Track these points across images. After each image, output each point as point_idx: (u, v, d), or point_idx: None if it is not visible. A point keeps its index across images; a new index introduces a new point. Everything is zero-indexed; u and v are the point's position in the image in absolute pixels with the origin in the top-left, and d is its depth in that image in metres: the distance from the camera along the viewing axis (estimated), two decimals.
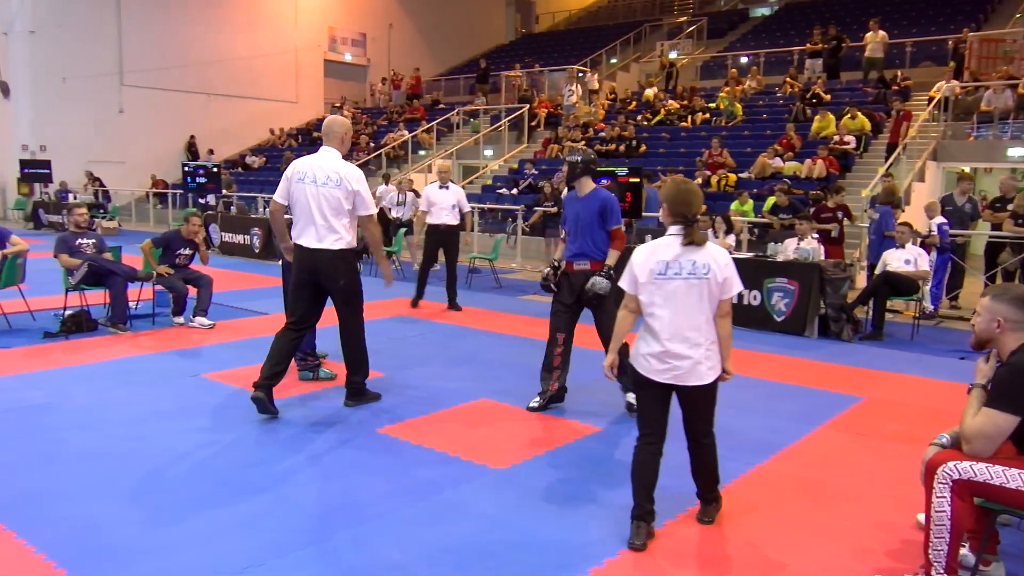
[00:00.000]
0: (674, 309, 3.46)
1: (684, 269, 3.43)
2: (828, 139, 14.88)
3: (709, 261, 3.44)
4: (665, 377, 3.48)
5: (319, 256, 5.07)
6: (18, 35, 21.77)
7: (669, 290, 3.46)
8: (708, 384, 3.50)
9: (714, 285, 3.44)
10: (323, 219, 5.04)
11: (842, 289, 8.35)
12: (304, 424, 5.10)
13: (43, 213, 20.23)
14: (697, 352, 3.44)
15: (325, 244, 5.06)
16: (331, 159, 5.14)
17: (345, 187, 5.04)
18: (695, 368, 3.45)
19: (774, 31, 24.15)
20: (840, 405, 5.81)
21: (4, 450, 4.50)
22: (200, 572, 3.19)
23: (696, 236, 3.45)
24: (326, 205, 5.04)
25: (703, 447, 3.66)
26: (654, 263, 3.48)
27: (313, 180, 5.06)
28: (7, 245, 7.80)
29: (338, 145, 5.21)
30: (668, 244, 3.51)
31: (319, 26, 28.30)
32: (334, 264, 5.09)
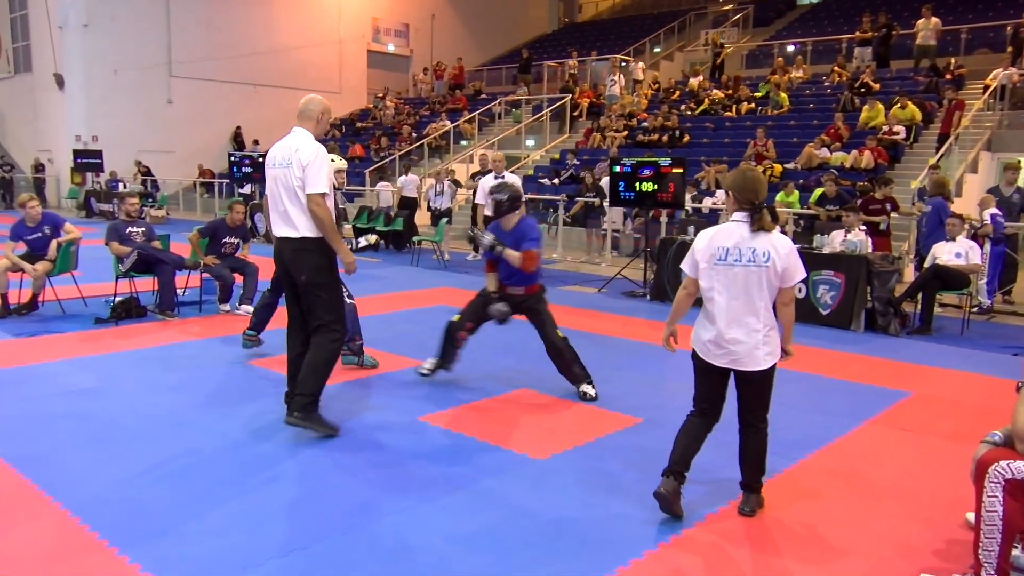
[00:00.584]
0: (732, 295, 3.51)
1: (744, 256, 3.47)
2: (877, 129, 14.57)
3: (769, 249, 3.46)
4: (723, 362, 3.55)
5: (284, 245, 4.61)
6: (72, 29, 22.30)
7: (728, 276, 3.50)
8: (765, 370, 3.54)
9: (773, 273, 3.46)
10: (283, 204, 4.55)
11: (890, 282, 8.18)
12: (346, 411, 5.16)
13: (94, 202, 20.74)
14: (754, 338, 3.49)
15: (288, 232, 4.56)
16: (293, 138, 4.57)
17: (295, 166, 4.45)
18: (752, 353, 3.50)
19: (822, 19, 23.69)
20: (887, 400, 5.70)
21: (58, 431, 4.63)
22: (245, 554, 3.25)
23: (765, 222, 3.48)
24: (284, 189, 4.52)
25: (756, 432, 3.67)
26: (715, 248, 3.53)
27: (274, 163, 4.60)
28: (61, 233, 8.03)
29: (311, 126, 4.61)
30: (730, 230, 3.54)
31: (363, 17, 28.50)
32: (297, 256, 4.55)
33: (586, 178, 14.43)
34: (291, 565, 3.18)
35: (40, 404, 5.13)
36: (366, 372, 6.10)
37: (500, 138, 21.01)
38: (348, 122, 26.21)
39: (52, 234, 7.97)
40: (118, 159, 21.95)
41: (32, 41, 24.25)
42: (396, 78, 29.60)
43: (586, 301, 9.54)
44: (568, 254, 14.21)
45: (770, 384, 3.63)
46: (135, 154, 22.79)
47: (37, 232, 7.95)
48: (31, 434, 4.58)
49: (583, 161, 16.84)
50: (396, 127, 23.37)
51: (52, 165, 24.10)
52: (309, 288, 4.58)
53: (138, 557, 3.19)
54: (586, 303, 9.37)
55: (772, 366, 3.57)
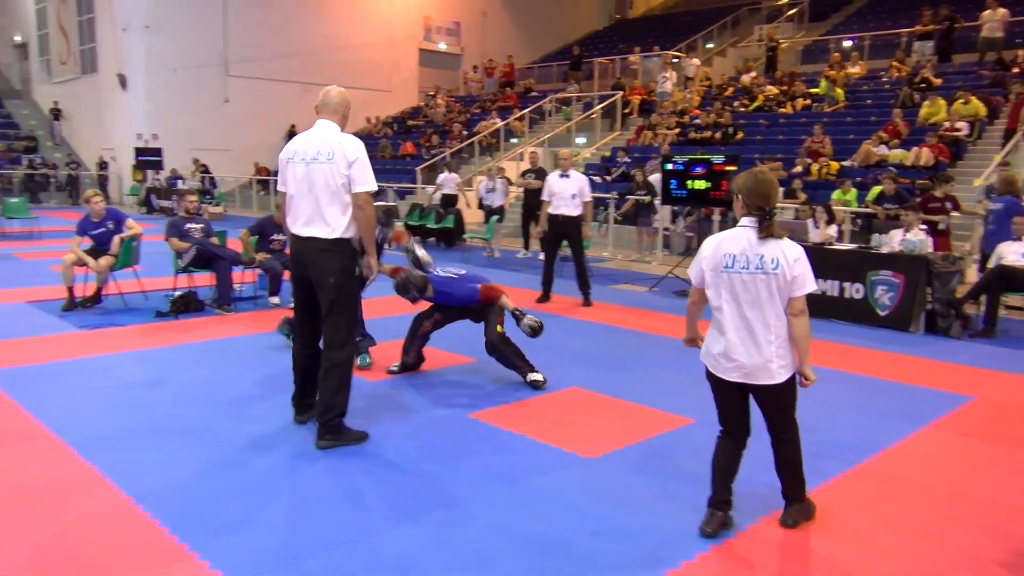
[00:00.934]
0: (740, 305, 3.33)
1: (751, 263, 3.30)
2: (938, 125, 14.15)
3: (778, 255, 3.29)
4: (734, 376, 3.38)
5: (308, 246, 4.31)
6: (135, 30, 22.92)
7: (735, 285, 3.33)
8: (781, 383, 3.37)
9: (783, 281, 3.29)
10: (313, 202, 4.27)
11: (951, 283, 7.95)
12: (396, 406, 5.22)
13: (154, 198, 21.31)
14: (767, 350, 3.31)
15: (315, 231, 4.28)
16: (324, 131, 4.34)
17: (339, 162, 4.21)
18: (765, 367, 3.33)
19: (880, 13, 23.10)
20: (947, 405, 5.54)
21: (120, 421, 4.78)
22: (297, 545, 3.31)
23: (774, 229, 3.31)
24: (317, 185, 4.25)
25: (783, 442, 3.52)
26: (720, 256, 3.36)
27: (303, 158, 4.30)
28: (124, 229, 8.26)
29: (336, 118, 4.41)
30: (737, 237, 3.36)
31: (414, 16, 28.70)
32: (323, 257, 4.27)
33: (637, 176, 14.32)
34: (341, 557, 3.23)
35: (103, 394, 5.30)
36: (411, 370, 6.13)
37: (550, 136, 20.96)
38: (399, 120, 26.43)
39: (115, 229, 8.22)
40: (177, 157, 22.52)
41: (98, 43, 24.98)
42: (447, 76, 29.74)
43: (637, 300, 9.47)
44: (618, 252, 14.12)
45: (791, 397, 3.45)
46: (193, 152, 23.33)
47: (101, 227, 8.19)
48: (94, 422, 4.73)
49: (634, 159, 16.71)
50: (447, 125, 23.50)
51: (115, 163, 24.80)
52: (335, 290, 4.31)
53: (196, 544, 3.27)
54: (637, 302, 9.31)
55: (790, 378, 3.39)
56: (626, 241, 14.62)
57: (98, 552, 3.22)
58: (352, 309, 4.51)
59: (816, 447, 4.62)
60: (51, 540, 3.31)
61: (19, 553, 3.20)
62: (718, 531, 3.44)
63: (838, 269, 8.50)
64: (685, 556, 3.31)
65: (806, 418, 5.08)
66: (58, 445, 4.36)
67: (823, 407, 5.40)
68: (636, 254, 14.02)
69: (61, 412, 4.89)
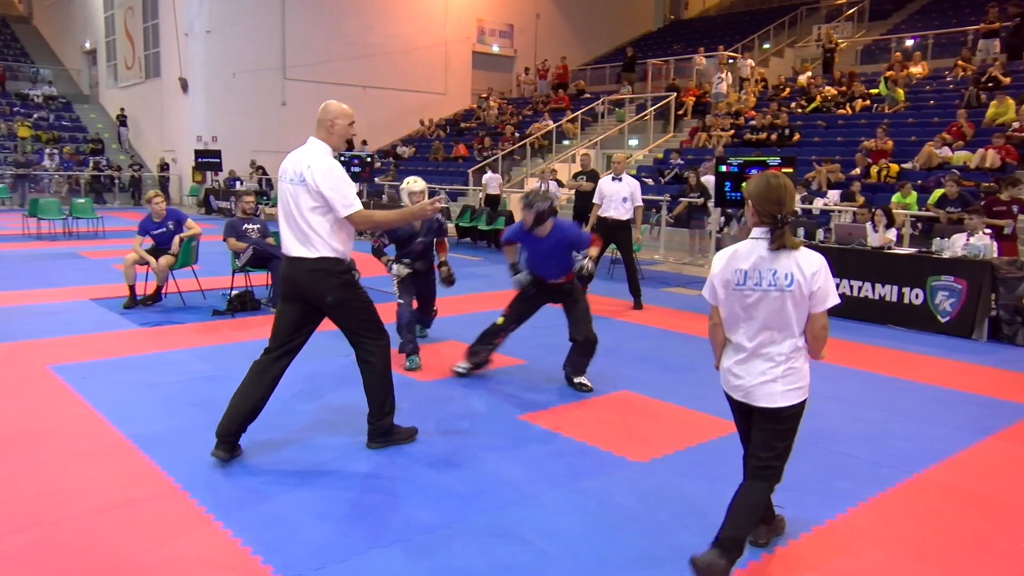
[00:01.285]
0: (753, 323, 3.06)
1: (764, 280, 3.00)
2: (1006, 126, 13.68)
3: (793, 270, 2.96)
4: (737, 395, 3.14)
5: (298, 267, 4.20)
6: (196, 35, 23.53)
7: (748, 303, 3.05)
8: (781, 408, 3.04)
9: (799, 297, 2.98)
10: (295, 222, 4.17)
11: (1018, 289, 7.68)
12: (446, 408, 5.25)
13: (213, 199, 21.82)
14: (774, 370, 3.03)
15: (302, 252, 4.18)
16: (305, 151, 4.21)
17: (309, 184, 4.08)
18: (768, 387, 3.03)
19: (946, 10, 22.46)
20: (1014, 415, 5.35)
21: (179, 417, 4.91)
22: (350, 541, 3.35)
23: (788, 239, 2.99)
24: (294, 206, 4.15)
25: (760, 479, 3.11)
26: (731, 272, 3.09)
27: (286, 177, 4.24)
28: (184, 229, 8.48)
29: (324, 135, 4.23)
30: (748, 250, 3.06)
31: (468, 19, 28.87)
32: (315, 278, 4.17)
33: (690, 178, 14.17)
34: (394, 555, 3.26)
35: (162, 390, 5.44)
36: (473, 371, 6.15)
37: (603, 138, 20.88)
38: (452, 122, 26.62)
39: (175, 229, 8.43)
40: (235, 158, 23.03)
41: (161, 48, 25.70)
42: (500, 78, 29.85)
43: (688, 303, 9.37)
44: (671, 255, 13.99)
45: (788, 429, 3.09)
46: (251, 154, 23.83)
47: (162, 227, 8.42)
48: (153, 417, 4.86)
49: (687, 161, 16.54)
50: (499, 127, 23.57)
51: (176, 164, 25.49)
52: (337, 306, 4.24)
53: (250, 540, 3.34)
54: (688, 305, 9.21)
55: (793, 406, 3.04)
56: (678, 244, 14.47)
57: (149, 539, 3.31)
58: (365, 315, 4.34)
59: (873, 455, 4.52)
60: (111, 533, 3.41)
61: (79, 547, 3.30)
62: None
63: (897, 274, 8.29)
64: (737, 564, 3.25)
65: (864, 427, 5.00)
66: (118, 439, 4.49)
67: (882, 415, 5.28)
68: (688, 256, 13.87)
69: (121, 407, 5.04)
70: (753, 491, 3.10)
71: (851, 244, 8.82)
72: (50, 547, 3.24)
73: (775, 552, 3.36)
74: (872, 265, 8.52)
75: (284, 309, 4.37)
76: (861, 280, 8.56)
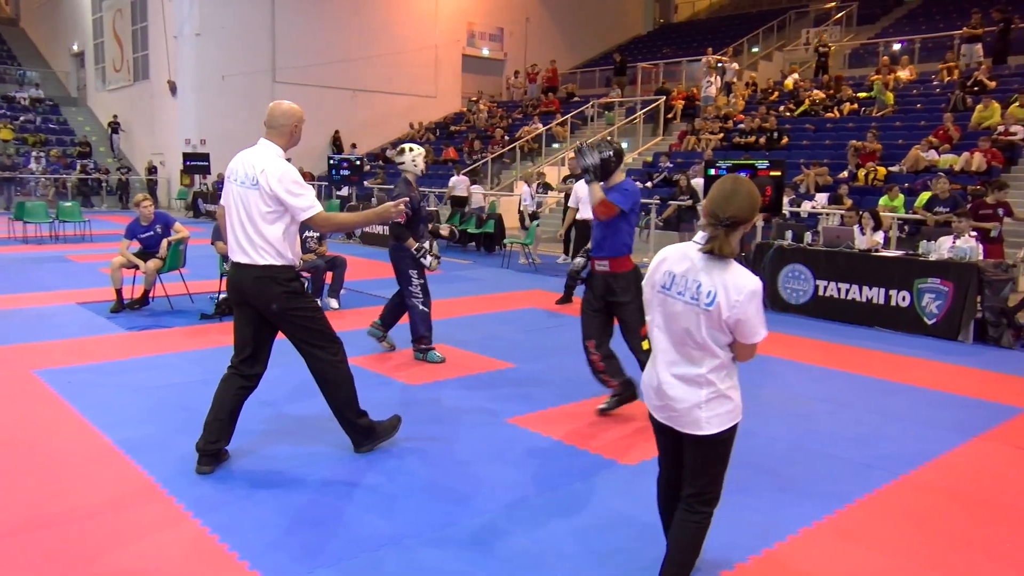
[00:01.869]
0: (674, 336, 2.77)
1: (688, 291, 2.69)
2: (991, 130, 13.79)
3: (718, 289, 2.62)
4: (661, 416, 2.86)
5: (242, 273, 4.06)
6: (186, 38, 23.45)
7: (669, 311, 2.76)
8: (707, 436, 2.73)
9: (715, 319, 2.63)
10: (242, 227, 4.03)
11: (1003, 292, 7.73)
12: (433, 411, 5.24)
13: (202, 203, 21.73)
14: (696, 395, 2.72)
15: (248, 259, 4.03)
16: (257, 152, 4.08)
17: (263, 188, 3.94)
18: (691, 412, 2.73)
19: (933, 14, 22.62)
20: (998, 416, 5.39)
21: (167, 420, 4.88)
22: (340, 547, 3.34)
23: (721, 244, 2.64)
24: (244, 210, 4.02)
25: (689, 519, 2.83)
26: (661, 273, 2.81)
27: (235, 178, 4.10)
28: (172, 232, 8.44)
29: (279, 138, 4.12)
30: (686, 253, 2.77)
31: (458, 22, 28.87)
32: (260, 285, 4.03)
33: (681, 180, 14.21)
34: (383, 559, 3.25)
35: (149, 394, 5.41)
36: (454, 373, 6.15)
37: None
38: (442, 125, 26.62)
39: (163, 233, 8.40)
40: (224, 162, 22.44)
41: (150, 51, 25.59)
42: (490, 81, 29.86)
43: None
44: None
45: (719, 456, 2.80)
46: None
47: (150, 231, 8.38)
48: (141, 422, 4.84)
49: (676, 164, 16.59)
50: (489, 130, 23.58)
51: (164, 167, 25.37)
52: (284, 315, 4.10)
53: (237, 544, 3.32)
54: None
55: (721, 433, 2.74)
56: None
57: (137, 545, 3.29)
58: (314, 324, 4.18)
59: (862, 456, 4.54)
60: (96, 540, 3.38)
61: (64, 555, 3.28)
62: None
63: (885, 276, 8.33)
64: (724, 566, 3.26)
65: (853, 429, 5.01)
66: (105, 444, 4.46)
67: (871, 417, 5.30)
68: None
69: (108, 412, 5.01)
70: (695, 522, 2.84)
71: (839, 247, 8.86)
72: (34, 553, 3.22)
73: (762, 553, 3.36)
74: (860, 267, 8.56)
75: (237, 316, 4.26)
76: (849, 282, 8.60)
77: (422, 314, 6.34)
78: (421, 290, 6.33)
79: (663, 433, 2.92)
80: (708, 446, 2.77)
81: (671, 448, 2.93)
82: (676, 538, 2.87)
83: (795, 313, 8.87)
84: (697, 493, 2.83)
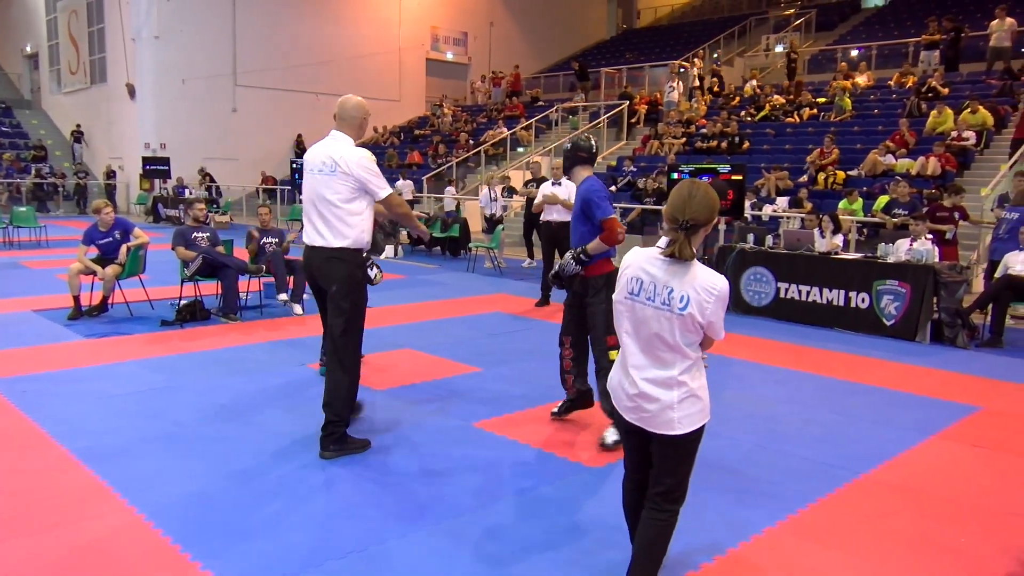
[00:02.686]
0: (644, 340, 2.81)
1: (658, 297, 2.74)
2: (945, 135, 14.13)
3: (689, 293, 2.69)
4: (632, 417, 2.87)
5: (316, 255, 4.41)
6: (145, 41, 23.07)
7: (639, 316, 2.80)
8: (678, 436, 2.78)
9: (690, 323, 2.70)
10: (317, 212, 4.38)
11: (958, 293, 7.92)
12: (399, 416, 5.21)
13: (162, 207, 21.40)
14: (668, 395, 2.77)
15: (321, 241, 4.37)
16: (331, 143, 4.45)
17: (341, 173, 4.31)
18: (664, 413, 2.77)
19: (888, 22, 23.11)
20: (954, 415, 5.51)
21: (127, 429, 4.78)
22: (305, 555, 3.30)
23: (681, 247, 2.69)
24: (319, 196, 4.36)
25: (661, 513, 2.88)
26: (627, 279, 2.84)
27: (313, 169, 4.43)
28: (131, 238, 8.30)
29: (350, 129, 4.50)
30: (649, 258, 2.82)
31: (422, 26, 28.82)
32: (328, 265, 4.37)
33: (649, 184, 14.32)
34: (349, 566, 3.22)
35: (109, 403, 5.30)
36: (420, 377, 6.13)
37: (556, 145, 20.98)
38: (407, 129, 26.51)
39: (123, 239, 8.25)
40: (185, 166, 22.62)
41: (108, 53, 25.15)
42: (454, 86, 29.85)
43: None
44: None
45: (686, 455, 2.86)
46: (201, 161, 23.43)
47: (108, 237, 8.23)
48: (101, 431, 4.73)
49: (640, 168, 16.71)
50: (454, 134, 23.55)
51: (123, 172, 24.93)
52: (336, 299, 4.36)
53: (199, 553, 3.27)
54: None
55: (692, 433, 2.79)
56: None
57: (98, 563, 3.22)
58: (355, 318, 4.42)
59: (823, 456, 4.61)
60: (55, 553, 3.31)
61: (20, 569, 3.20)
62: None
63: (844, 278, 8.48)
64: (689, 567, 3.29)
65: (815, 429, 5.09)
66: (62, 454, 4.36)
67: (830, 417, 5.39)
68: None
69: (65, 421, 4.90)
70: (662, 520, 2.89)
71: (799, 250, 9.00)
72: None
73: (727, 553, 3.40)
74: (820, 270, 8.71)
75: (317, 300, 4.66)
76: (809, 285, 8.74)
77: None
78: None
79: (632, 434, 2.94)
80: (679, 446, 2.82)
81: (639, 448, 2.96)
82: (643, 536, 2.90)
83: (757, 315, 8.99)
84: (664, 492, 2.87)
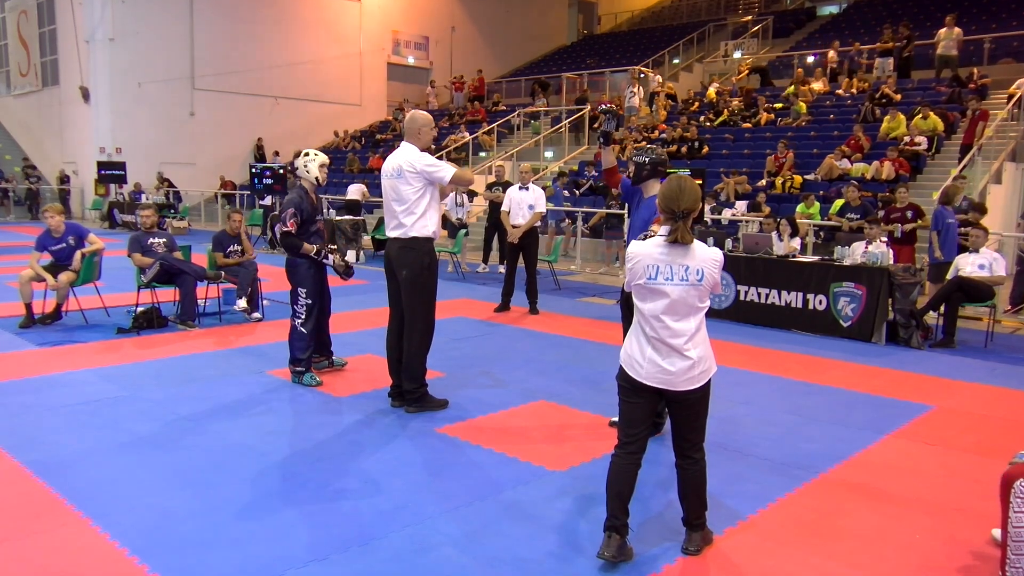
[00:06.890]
0: (664, 314, 3.27)
1: (676, 275, 3.24)
2: (898, 140, 14.45)
3: (702, 266, 3.24)
4: (655, 381, 3.29)
5: (391, 245, 5.35)
6: (99, 43, 22.62)
7: (659, 293, 3.26)
8: (700, 388, 3.31)
9: (704, 290, 3.27)
10: (391, 210, 5.29)
11: (912, 294, 8.10)
12: (364, 422, 5.17)
13: (118, 213, 20.97)
14: (689, 353, 3.26)
15: (395, 233, 5.29)
16: (399, 152, 5.29)
17: (406, 175, 5.17)
18: (688, 372, 3.26)
19: (843, 30, 23.57)
20: (909, 414, 5.63)
21: (81, 440, 4.68)
22: (264, 565, 3.26)
23: (682, 233, 3.23)
24: (391, 196, 5.26)
25: (693, 464, 3.42)
26: (644, 266, 3.30)
27: (384, 175, 5.34)
28: (85, 244, 8.12)
29: (413, 139, 5.30)
30: (657, 246, 3.31)
31: (383, 30, 28.70)
32: (401, 253, 5.26)
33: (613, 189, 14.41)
34: (311, 574, 3.18)
35: (63, 413, 5.18)
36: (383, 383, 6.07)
37: (519, 149, 21.04)
38: (368, 134, 26.36)
39: (76, 245, 8.07)
40: (141, 171, 22.21)
41: (60, 55, 24.62)
42: (416, 90, 29.74)
43: (605, 312, 9.51)
44: (587, 265, 14.18)
45: (706, 406, 3.40)
46: (158, 166, 23.04)
47: (61, 243, 8.04)
48: (54, 442, 4.62)
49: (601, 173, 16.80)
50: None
51: (77, 176, 24.41)
52: (408, 283, 5.23)
53: (157, 565, 3.21)
54: (605, 315, 9.35)
55: (707, 385, 3.34)
56: (592, 254, 14.69)
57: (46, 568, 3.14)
58: (425, 296, 5.33)
59: (782, 456, 4.67)
60: (7, 568, 3.22)
61: None
62: (616, 555, 3.25)
63: (801, 281, 8.62)
64: (651, 567, 3.31)
65: (773, 430, 5.16)
66: (13, 466, 4.25)
67: (788, 418, 5.46)
68: (604, 267, 14.09)
69: (16, 432, 4.78)
70: (699, 468, 3.41)
71: (758, 253, 9.12)
72: None
73: (676, 563, 3.42)
74: (778, 273, 8.84)
75: (389, 283, 5.49)
76: (768, 287, 8.87)
77: (299, 334, 6.00)
78: (306, 310, 5.99)
79: (647, 396, 3.34)
80: (699, 399, 3.33)
81: (648, 413, 3.40)
82: (689, 484, 3.41)
83: (717, 318, 9.09)
84: (693, 444, 3.41)
